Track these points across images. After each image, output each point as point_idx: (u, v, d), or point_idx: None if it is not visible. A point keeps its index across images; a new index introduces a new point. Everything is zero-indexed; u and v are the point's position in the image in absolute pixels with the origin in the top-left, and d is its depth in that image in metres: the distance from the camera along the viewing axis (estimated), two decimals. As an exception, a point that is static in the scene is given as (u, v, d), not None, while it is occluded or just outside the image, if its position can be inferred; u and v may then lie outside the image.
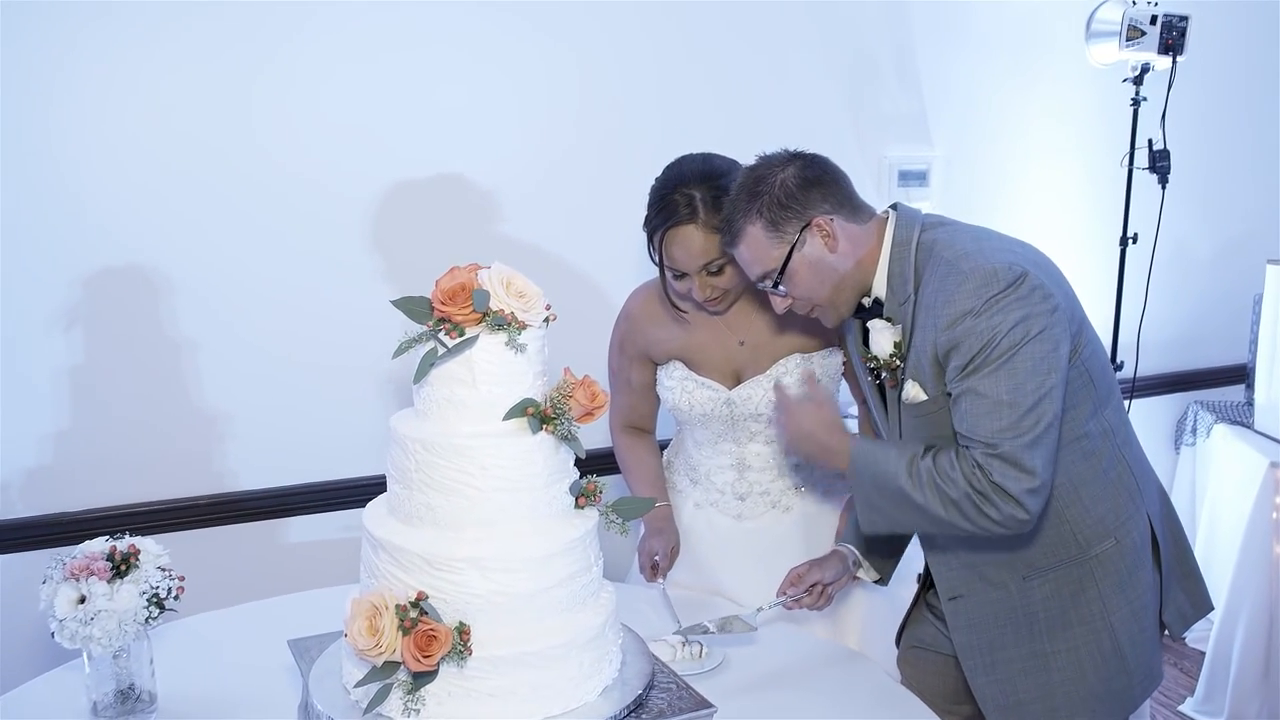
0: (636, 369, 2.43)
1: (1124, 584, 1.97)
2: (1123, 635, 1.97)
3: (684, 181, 2.15)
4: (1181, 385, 4.05)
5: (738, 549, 2.37)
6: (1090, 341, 1.95)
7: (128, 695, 1.87)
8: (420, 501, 1.70)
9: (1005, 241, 1.93)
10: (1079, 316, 1.93)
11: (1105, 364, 2.00)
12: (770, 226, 1.90)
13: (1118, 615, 1.97)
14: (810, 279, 1.94)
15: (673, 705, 1.76)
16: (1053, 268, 1.95)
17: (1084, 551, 1.96)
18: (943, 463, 1.85)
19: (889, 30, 3.34)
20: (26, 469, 2.64)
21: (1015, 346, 1.79)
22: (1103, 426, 1.96)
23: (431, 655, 1.60)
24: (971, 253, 1.86)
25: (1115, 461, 1.98)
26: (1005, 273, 1.81)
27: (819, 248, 1.91)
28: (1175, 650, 3.87)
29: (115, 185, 2.61)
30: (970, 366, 1.82)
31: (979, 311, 1.80)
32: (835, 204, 1.92)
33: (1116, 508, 1.97)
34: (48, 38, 2.50)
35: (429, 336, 1.71)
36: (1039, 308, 1.80)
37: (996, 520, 1.81)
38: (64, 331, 2.62)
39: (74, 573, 1.78)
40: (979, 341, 1.80)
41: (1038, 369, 1.79)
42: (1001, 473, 1.79)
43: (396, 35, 2.78)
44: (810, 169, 1.92)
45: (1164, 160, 3.37)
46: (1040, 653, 1.99)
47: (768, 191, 1.90)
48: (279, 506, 2.88)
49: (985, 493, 1.80)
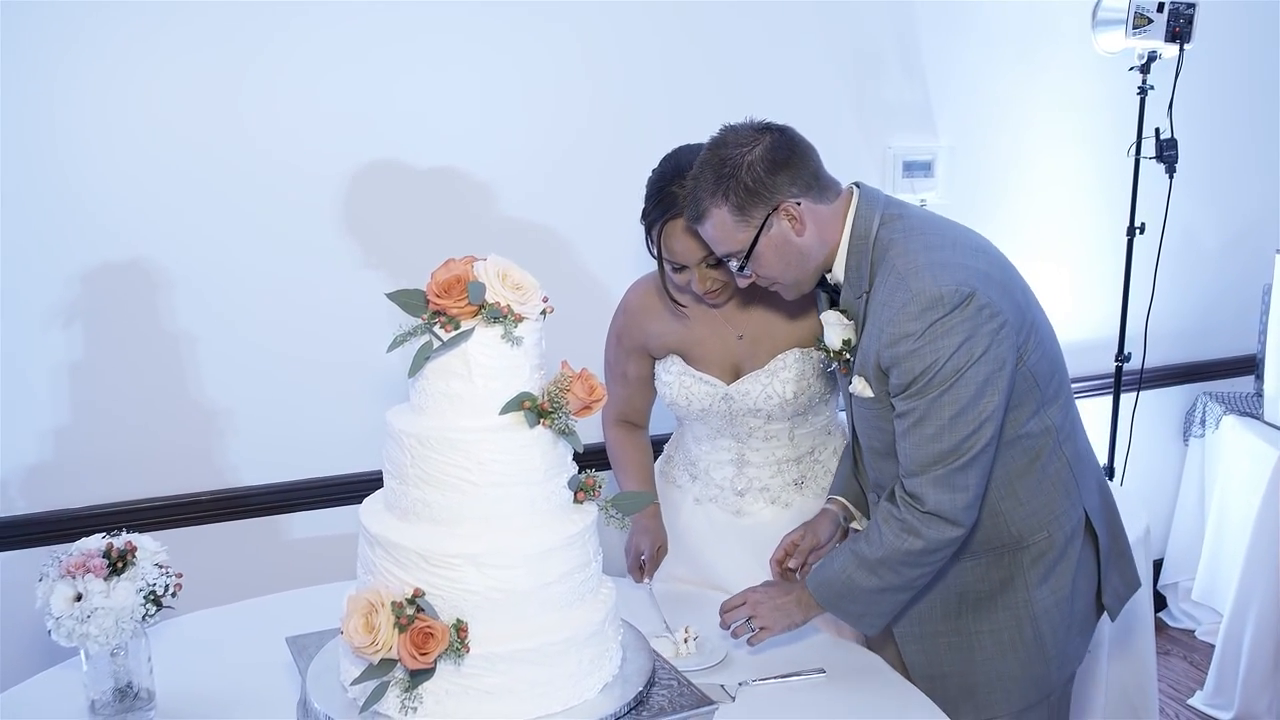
0: (633, 362, 2.42)
1: (1049, 575, 2.02)
2: (1044, 624, 2.02)
3: (682, 173, 2.12)
4: (1190, 376, 4.02)
5: (736, 544, 2.35)
6: (1040, 344, 1.95)
7: (126, 693, 1.85)
8: (416, 497, 1.69)
9: (959, 249, 1.89)
10: (1029, 321, 1.92)
11: (1054, 364, 2.00)
12: (737, 210, 1.87)
13: (1040, 605, 2.02)
14: (775, 261, 1.93)
15: (674, 702, 1.75)
16: (1007, 270, 1.94)
17: (1017, 542, 2.01)
18: (874, 536, 1.92)
19: (893, 20, 3.31)
20: (26, 466, 2.63)
21: (959, 371, 1.80)
22: (1044, 425, 1.97)
23: (428, 652, 1.58)
24: (921, 267, 1.83)
25: (1054, 458, 2.00)
26: (951, 295, 1.79)
27: (785, 231, 1.89)
28: (1185, 644, 3.86)
29: (114, 181, 2.59)
30: (913, 389, 1.84)
31: (921, 335, 1.80)
32: (803, 186, 1.88)
33: (1051, 503, 2.00)
34: (47, 35, 2.48)
35: (424, 330, 1.69)
36: (984, 327, 1.80)
37: (936, 548, 1.88)
38: (63, 328, 2.61)
39: (70, 570, 1.76)
40: (920, 364, 1.81)
41: (981, 392, 1.81)
42: (936, 498, 1.85)
43: (394, 28, 2.76)
44: (778, 149, 1.87)
45: (1171, 149, 3.35)
46: (965, 630, 2.05)
47: (733, 174, 1.86)
48: (280, 502, 2.87)
49: (916, 529, 1.87)
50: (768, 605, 2.02)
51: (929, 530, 1.86)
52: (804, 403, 2.29)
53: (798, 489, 2.37)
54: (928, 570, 1.93)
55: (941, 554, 1.90)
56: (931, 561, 1.91)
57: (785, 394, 2.26)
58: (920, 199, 3.40)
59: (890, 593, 1.94)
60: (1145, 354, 3.55)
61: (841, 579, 1.95)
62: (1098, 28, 3.37)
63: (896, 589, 1.93)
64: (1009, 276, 1.93)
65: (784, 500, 2.36)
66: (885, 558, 1.90)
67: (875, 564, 1.91)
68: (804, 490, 2.37)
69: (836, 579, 1.96)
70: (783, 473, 2.36)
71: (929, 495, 1.85)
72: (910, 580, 1.93)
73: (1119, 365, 3.54)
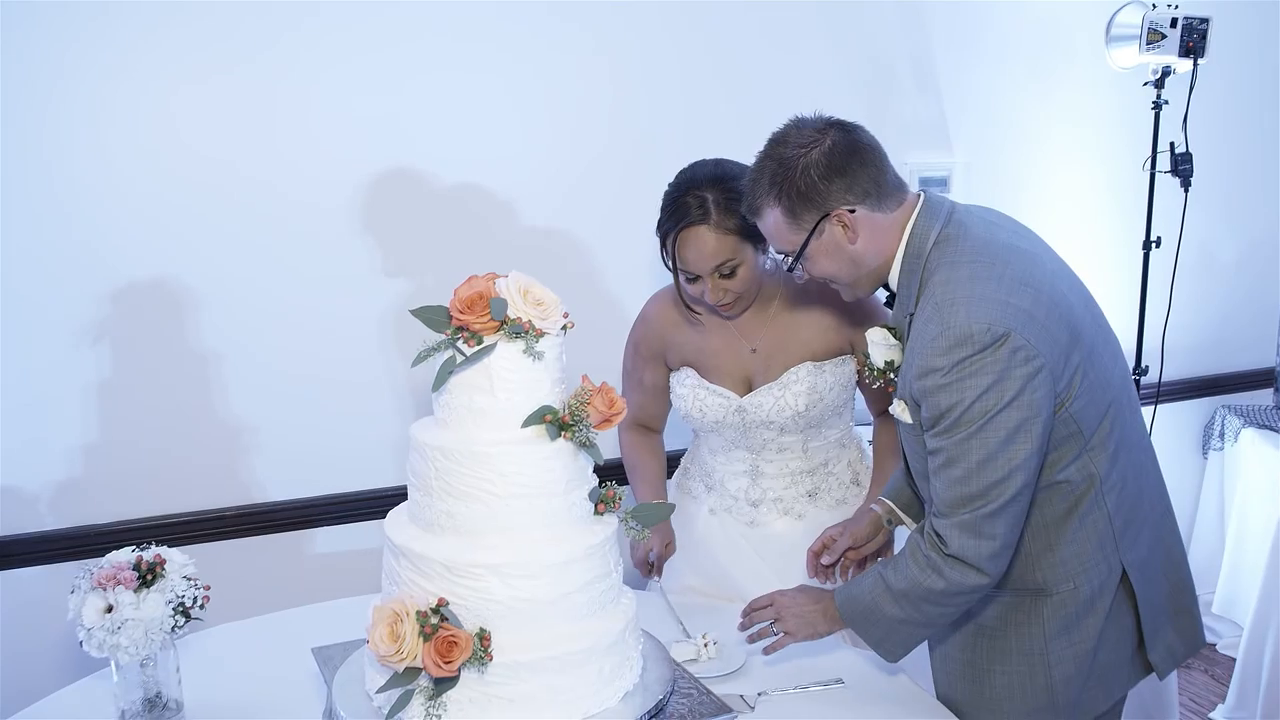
0: (650, 370, 2.46)
1: (1070, 628, 1.92)
2: (1057, 674, 1.93)
3: (696, 184, 2.16)
4: (1209, 390, 4.02)
5: (751, 555, 2.38)
6: (1091, 386, 1.83)
7: (155, 703, 1.89)
8: (440, 509, 1.72)
9: (1004, 283, 1.77)
10: (1078, 360, 1.81)
11: (1108, 404, 1.87)
12: (789, 213, 1.83)
13: (1056, 656, 1.93)
14: (828, 264, 1.88)
15: (694, 710, 1.77)
16: (1055, 308, 1.79)
17: (1042, 590, 1.92)
18: (900, 565, 1.86)
19: (908, 37, 3.34)
20: (56, 482, 2.68)
21: (988, 414, 1.72)
22: (1086, 473, 1.87)
23: (452, 661, 1.61)
24: (959, 300, 1.75)
25: (1095, 508, 1.89)
26: (982, 334, 1.71)
27: (838, 237, 1.84)
28: (1206, 657, 3.84)
29: (142, 201, 2.64)
30: (940, 426, 1.77)
31: (947, 371, 1.73)
32: (860, 194, 1.81)
33: (1083, 554, 1.90)
34: (85, 56, 2.54)
35: (448, 345, 1.73)
36: (1016, 371, 1.71)
37: (957, 591, 1.81)
38: (92, 346, 2.65)
39: (101, 582, 1.80)
40: (946, 402, 1.74)
41: (1011, 438, 1.73)
42: (960, 543, 1.78)
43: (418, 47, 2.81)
44: (838, 153, 1.81)
45: (1186, 164, 3.35)
46: (978, 665, 1.98)
47: (789, 177, 1.81)
48: (305, 517, 2.90)
49: (939, 569, 1.80)
50: (794, 610, 1.99)
51: (950, 572, 1.80)
52: (816, 415, 2.31)
53: (811, 500, 2.39)
54: (949, 611, 1.87)
55: (963, 598, 1.84)
56: (953, 604, 1.85)
57: (797, 406, 2.28)
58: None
59: (909, 626, 1.88)
60: (1163, 368, 3.55)
61: (868, 600, 1.90)
62: (1112, 43, 3.39)
63: (916, 624, 1.88)
64: (1056, 315, 1.79)
65: (797, 511, 2.38)
66: (908, 590, 1.84)
67: (899, 595, 1.85)
68: (817, 502, 2.39)
69: (863, 599, 1.91)
70: (796, 484, 2.39)
71: (953, 539, 1.78)
72: (930, 618, 1.87)
73: (1136, 379, 3.54)
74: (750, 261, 2.21)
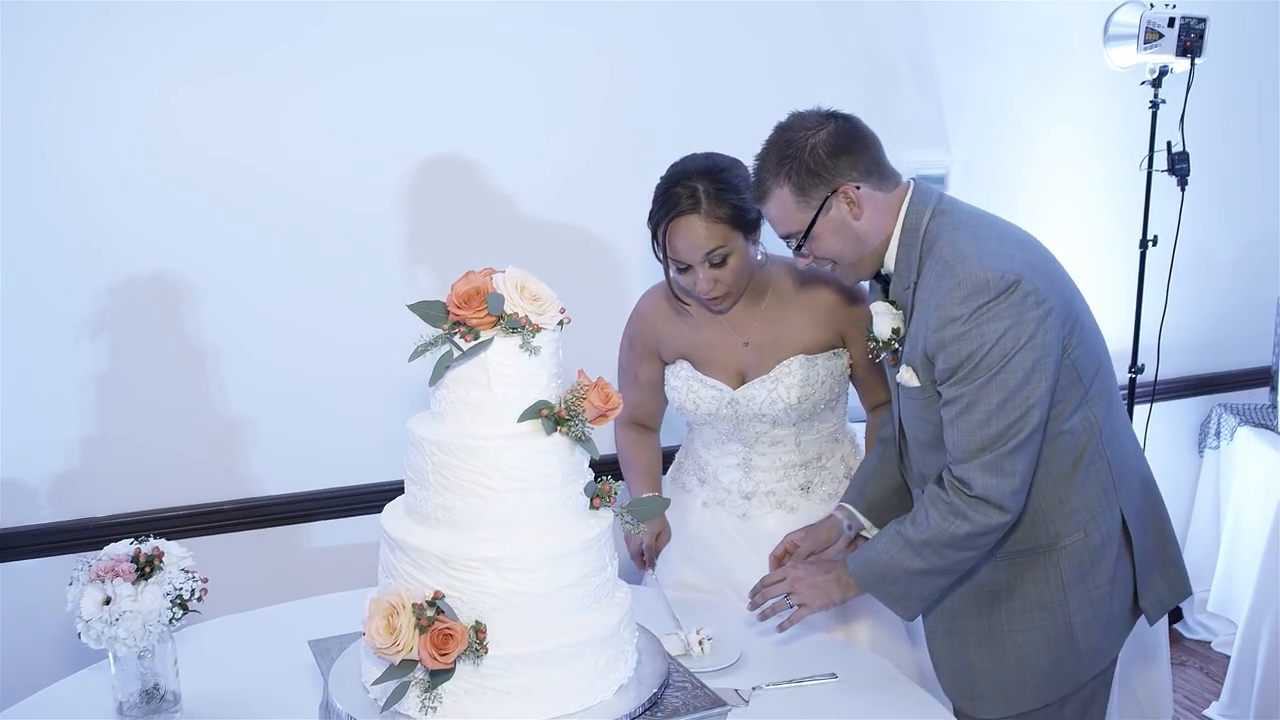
0: (644, 365, 2.47)
1: (1085, 575, 2.01)
2: (1077, 622, 2.02)
3: (687, 175, 2.20)
4: (1205, 388, 4.03)
5: (744, 548, 2.39)
6: (1085, 339, 1.96)
7: (152, 695, 1.90)
8: (437, 502, 1.73)
9: (1005, 240, 1.93)
10: (1075, 314, 1.94)
11: (1099, 360, 2.01)
12: (797, 190, 1.92)
13: (1075, 604, 2.01)
14: (834, 243, 1.96)
15: (688, 704, 1.78)
16: (1052, 264, 1.96)
17: (1054, 542, 2.01)
18: (920, 518, 1.93)
19: (906, 36, 3.35)
20: (54, 475, 2.69)
21: (1005, 356, 1.82)
22: (1088, 422, 1.98)
23: (448, 653, 1.62)
24: (968, 256, 1.87)
25: (1096, 458, 2.00)
26: (997, 281, 1.82)
27: (844, 213, 1.93)
28: (1200, 654, 3.85)
29: (142, 196, 2.65)
30: (959, 375, 1.86)
31: (967, 319, 1.83)
32: (863, 171, 1.93)
33: (1090, 502, 2.00)
34: (88, 53, 2.55)
35: (444, 340, 1.73)
36: (1029, 314, 1.82)
37: (982, 532, 1.89)
38: (91, 340, 2.66)
39: (99, 574, 1.81)
40: (966, 349, 1.84)
41: (1028, 378, 1.83)
42: (984, 483, 1.86)
43: (414, 44, 2.82)
44: (842, 135, 1.93)
45: (1183, 163, 3.37)
46: (998, 630, 2.04)
47: (797, 155, 1.91)
48: (302, 511, 2.91)
49: (963, 513, 1.88)
50: (807, 582, 2.04)
51: (976, 514, 1.87)
52: (808, 408, 2.33)
53: (804, 494, 2.40)
54: (972, 555, 1.94)
55: (987, 538, 1.91)
56: (977, 546, 1.92)
57: (790, 399, 2.30)
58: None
59: (933, 575, 1.95)
60: (1159, 366, 3.55)
61: (885, 559, 1.96)
62: (1109, 43, 3.39)
63: (939, 571, 1.95)
64: (1054, 270, 1.96)
65: (790, 505, 2.40)
66: (931, 539, 1.91)
67: (920, 545, 1.92)
68: (810, 496, 2.40)
69: (879, 559, 1.97)
70: (789, 477, 2.40)
71: (977, 480, 1.86)
72: (953, 564, 1.94)
73: (1132, 377, 3.56)
74: (741, 251, 2.22)
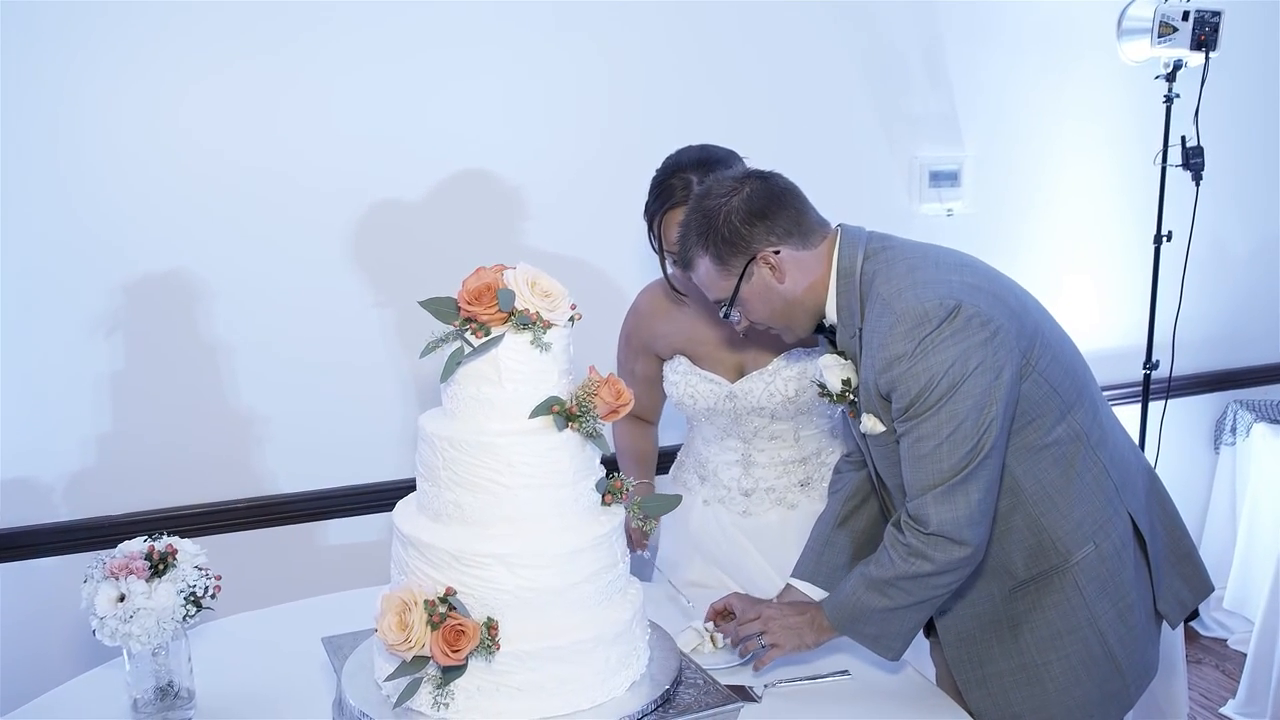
0: (641, 361, 2.48)
1: (1107, 587, 1.95)
2: (1112, 637, 1.95)
3: (681, 167, 2.20)
4: (1220, 384, 4.01)
5: (745, 545, 2.39)
6: (1049, 349, 1.90)
7: (167, 692, 1.90)
8: (448, 499, 1.73)
9: (942, 267, 1.87)
10: (1031, 328, 1.88)
11: (1071, 367, 1.95)
12: (717, 260, 1.90)
13: (1105, 619, 1.94)
14: (761, 307, 1.94)
15: (700, 701, 1.77)
16: (996, 281, 1.91)
17: (1065, 560, 1.94)
18: (883, 559, 1.87)
19: (919, 31, 3.34)
20: (69, 473, 2.70)
21: (954, 385, 1.77)
22: (1072, 431, 1.92)
23: (460, 650, 1.62)
24: (903, 289, 1.82)
25: (1090, 464, 1.94)
26: (936, 309, 1.78)
27: (766, 278, 1.90)
28: (1217, 652, 3.84)
29: (154, 194, 2.66)
30: (911, 410, 1.81)
31: (912, 354, 1.78)
32: (782, 234, 1.89)
33: (1094, 511, 1.94)
34: (101, 51, 2.56)
35: (455, 336, 1.73)
36: (975, 337, 1.78)
37: (944, 570, 1.83)
38: (105, 337, 2.67)
39: (114, 571, 1.81)
40: (916, 384, 1.79)
41: (980, 404, 1.78)
42: (938, 517, 1.80)
43: (425, 41, 2.82)
44: (756, 199, 1.88)
45: (1198, 157, 3.35)
46: (1030, 665, 1.97)
47: (713, 226, 1.89)
48: (315, 509, 2.92)
49: (922, 552, 1.82)
50: (780, 623, 2.00)
51: (936, 552, 1.82)
52: (806, 401, 2.32)
53: (803, 490, 2.40)
54: (940, 592, 1.87)
55: (953, 574, 1.85)
56: (943, 583, 1.86)
57: (787, 392, 2.29)
58: (947, 209, 3.42)
59: (901, 611, 1.88)
60: (1174, 362, 3.54)
61: (852, 601, 1.91)
62: (1123, 37, 3.38)
63: (907, 607, 1.88)
64: (1000, 287, 1.90)
65: (790, 501, 2.39)
66: (894, 579, 1.86)
67: (884, 584, 1.87)
68: (809, 492, 2.39)
69: (847, 601, 1.92)
70: (788, 474, 2.40)
71: (931, 515, 1.80)
72: (922, 598, 1.87)
73: (1147, 373, 3.54)
74: None
